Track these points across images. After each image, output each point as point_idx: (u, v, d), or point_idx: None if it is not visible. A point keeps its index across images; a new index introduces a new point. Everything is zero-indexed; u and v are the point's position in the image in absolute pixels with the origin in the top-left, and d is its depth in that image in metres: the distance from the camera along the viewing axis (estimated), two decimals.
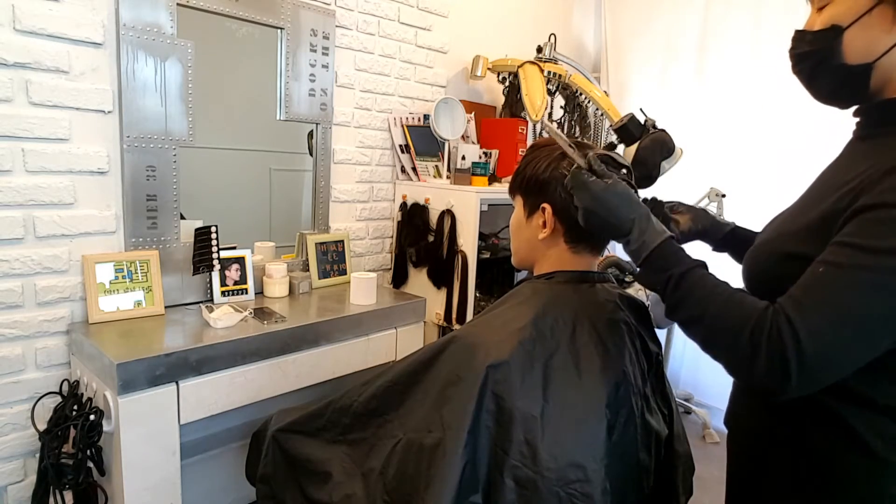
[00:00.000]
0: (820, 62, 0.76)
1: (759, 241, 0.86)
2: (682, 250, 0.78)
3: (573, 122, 2.66)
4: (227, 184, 1.97)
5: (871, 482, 0.73)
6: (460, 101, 2.37)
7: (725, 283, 0.74)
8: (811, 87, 0.80)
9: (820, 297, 0.65)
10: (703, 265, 0.76)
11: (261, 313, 1.67)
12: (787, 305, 0.66)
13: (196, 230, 1.70)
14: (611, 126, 2.48)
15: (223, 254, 1.73)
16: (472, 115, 2.57)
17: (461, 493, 0.80)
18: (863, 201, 0.66)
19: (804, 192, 0.87)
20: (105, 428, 1.32)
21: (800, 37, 0.79)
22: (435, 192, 2.20)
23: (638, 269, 0.80)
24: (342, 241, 2.12)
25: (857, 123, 0.81)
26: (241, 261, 1.80)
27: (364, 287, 1.85)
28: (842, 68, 0.74)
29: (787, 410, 0.79)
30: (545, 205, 0.95)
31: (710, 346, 0.73)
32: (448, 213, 2.13)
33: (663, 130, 1.21)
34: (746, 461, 0.89)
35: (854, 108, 0.81)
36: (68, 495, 1.38)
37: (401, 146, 2.33)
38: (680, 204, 1.10)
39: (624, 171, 0.97)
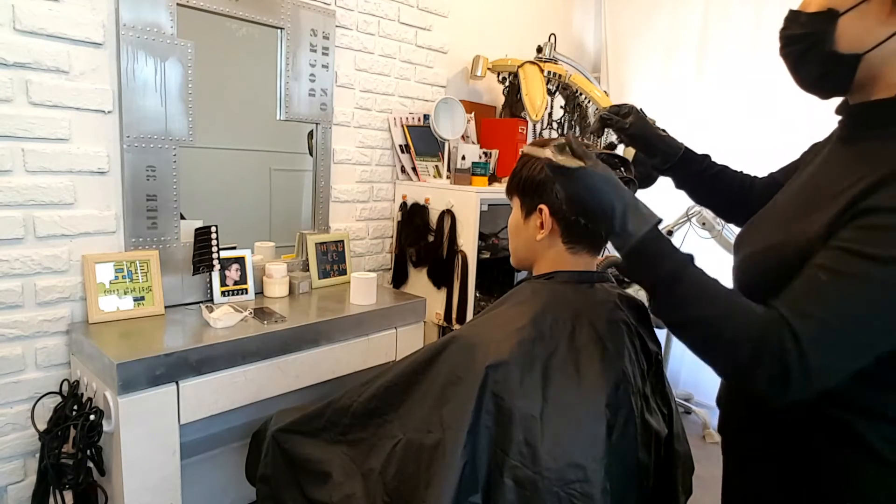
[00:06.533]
0: (810, 47, 0.74)
1: (762, 245, 0.81)
2: (669, 241, 0.73)
3: (573, 123, 2.66)
4: (227, 184, 1.97)
5: (881, 487, 0.73)
6: (460, 101, 2.38)
7: (716, 282, 0.71)
8: (796, 72, 0.78)
9: (823, 308, 0.64)
10: (691, 259, 0.73)
11: (261, 313, 1.67)
12: (790, 315, 0.65)
13: (196, 230, 1.70)
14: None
15: (223, 254, 1.73)
16: (472, 115, 2.57)
17: (461, 493, 0.80)
18: (862, 205, 0.65)
19: (791, 193, 0.86)
20: (105, 428, 1.32)
21: (793, 17, 0.76)
22: (435, 192, 2.20)
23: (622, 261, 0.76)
24: (342, 241, 2.12)
25: (840, 123, 0.79)
26: (241, 261, 1.80)
27: (364, 287, 1.85)
28: (831, 56, 0.72)
29: (791, 420, 0.78)
30: (542, 206, 0.95)
31: (706, 351, 0.72)
32: (448, 213, 2.13)
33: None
34: (744, 471, 0.88)
35: (836, 107, 0.79)
36: (68, 495, 1.38)
37: (401, 146, 2.33)
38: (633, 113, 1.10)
39: (623, 168, 0.97)
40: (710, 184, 1.11)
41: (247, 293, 1.81)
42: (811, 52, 0.74)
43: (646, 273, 0.73)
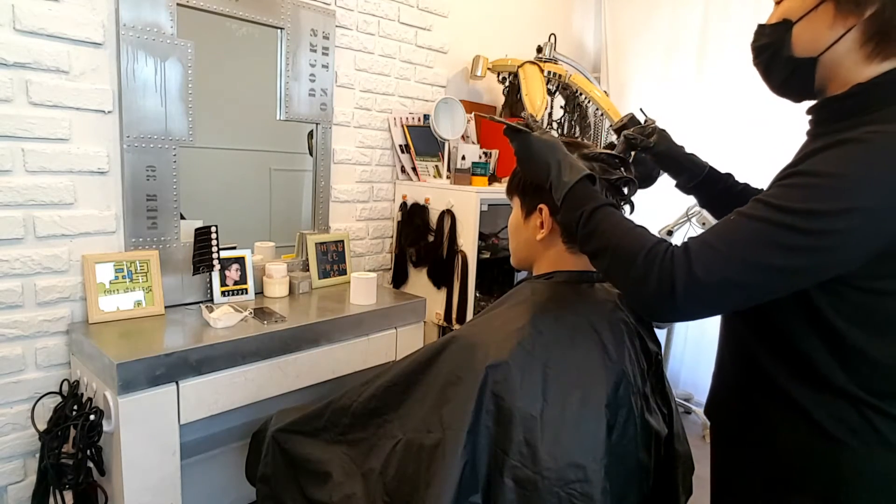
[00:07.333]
0: (774, 54, 0.81)
1: None
2: (596, 190, 0.84)
3: (573, 122, 2.66)
4: (227, 184, 1.97)
5: (833, 465, 0.76)
6: (460, 101, 2.38)
7: (630, 220, 0.80)
8: (767, 79, 0.85)
9: (718, 238, 0.71)
10: (612, 203, 0.82)
11: (261, 313, 1.67)
12: (692, 240, 0.73)
13: (196, 230, 1.70)
14: (611, 126, 2.48)
15: (223, 254, 1.73)
16: (472, 115, 2.57)
17: (461, 493, 0.80)
18: (790, 171, 0.72)
19: None
20: (105, 428, 1.32)
21: (760, 31, 0.84)
22: (435, 192, 2.20)
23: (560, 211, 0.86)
24: (342, 241, 2.12)
25: (810, 122, 0.85)
26: (241, 261, 1.80)
27: (364, 287, 1.85)
28: (791, 60, 0.79)
29: (758, 399, 0.83)
30: (542, 205, 0.95)
31: (612, 271, 0.79)
32: (448, 213, 2.13)
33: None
34: (725, 448, 0.93)
35: (807, 106, 0.85)
36: (68, 495, 1.38)
37: (401, 146, 2.33)
38: (655, 130, 1.13)
39: (622, 168, 0.97)
40: (736, 202, 1.12)
41: (247, 293, 1.81)
42: (775, 59, 0.81)
43: (573, 213, 0.83)
